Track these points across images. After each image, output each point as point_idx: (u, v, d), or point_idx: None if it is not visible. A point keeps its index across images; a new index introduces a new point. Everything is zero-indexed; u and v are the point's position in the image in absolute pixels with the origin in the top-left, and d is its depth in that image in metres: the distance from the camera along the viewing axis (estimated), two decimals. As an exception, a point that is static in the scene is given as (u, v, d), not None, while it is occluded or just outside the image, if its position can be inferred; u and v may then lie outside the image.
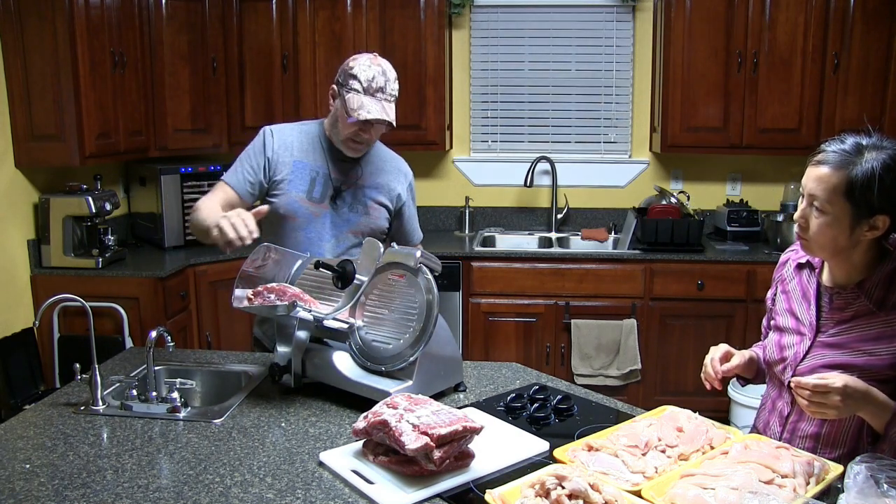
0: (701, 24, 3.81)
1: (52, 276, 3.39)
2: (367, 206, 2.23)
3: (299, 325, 1.88)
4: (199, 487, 1.42)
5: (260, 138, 2.20)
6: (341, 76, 2.10)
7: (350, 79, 2.06)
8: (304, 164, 2.18)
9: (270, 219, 2.17)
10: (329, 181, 2.18)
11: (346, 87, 2.06)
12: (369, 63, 2.07)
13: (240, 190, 2.16)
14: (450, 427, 1.41)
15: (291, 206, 2.15)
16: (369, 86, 2.05)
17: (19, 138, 3.31)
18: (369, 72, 2.06)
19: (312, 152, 2.19)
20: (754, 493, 1.26)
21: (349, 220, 2.21)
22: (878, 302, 1.53)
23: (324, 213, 2.18)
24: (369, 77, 2.05)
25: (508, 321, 3.82)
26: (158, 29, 3.74)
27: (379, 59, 2.11)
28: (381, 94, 2.07)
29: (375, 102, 2.06)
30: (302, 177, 2.17)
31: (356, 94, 2.05)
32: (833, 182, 1.48)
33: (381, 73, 2.07)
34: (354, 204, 2.21)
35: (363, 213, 2.22)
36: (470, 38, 4.30)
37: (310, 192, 2.17)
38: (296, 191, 2.16)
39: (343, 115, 2.08)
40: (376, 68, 2.07)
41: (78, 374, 1.96)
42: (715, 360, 1.69)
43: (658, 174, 4.33)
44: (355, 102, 2.04)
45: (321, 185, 2.18)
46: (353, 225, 2.21)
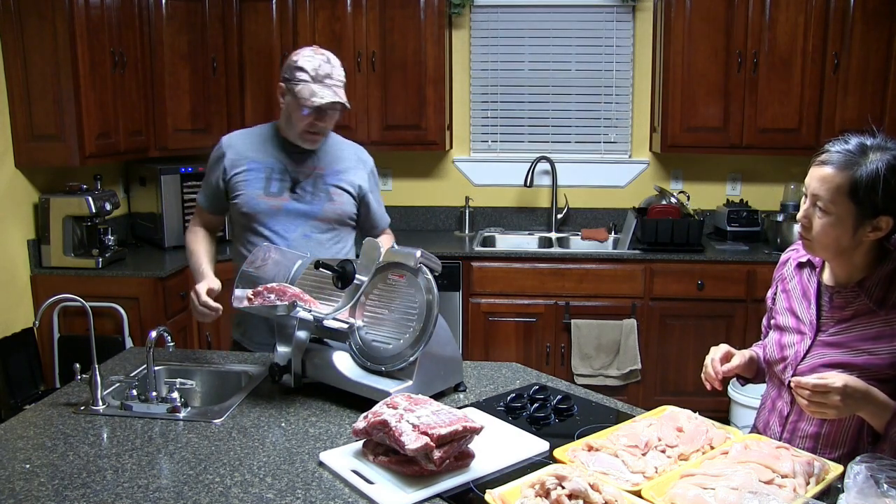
0: (701, 24, 3.81)
1: (52, 276, 3.39)
2: (329, 192, 2.28)
3: (299, 325, 1.88)
4: (199, 487, 1.42)
5: (215, 150, 2.31)
6: (287, 72, 2.17)
7: (297, 71, 2.13)
8: (258, 164, 2.25)
9: (236, 220, 2.29)
10: (286, 174, 2.25)
11: (294, 80, 2.14)
12: (312, 53, 2.15)
13: (209, 208, 2.35)
14: (450, 427, 1.41)
15: (251, 204, 2.23)
16: (317, 74, 2.12)
17: (19, 138, 3.31)
18: (314, 61, 2.13)
19: (264, 151, 2.27)
20: (754, 493, 1.26)
21: (313, 208, 2.26)
22: (878, 301, 1.53)
23: (285, 205, 2.24)
24: (315, 66, 2.13)
25: (508, 321, 3.82)
26: (158, 29, 3.74)
27: (320, 49, 2.19)
28: (329, 79, 2.14)
29: (325, 89, 2.12)
30: (257, 175, 2.24)
31: (305, 84, 2.12)
32: (837, 182, 1.48)
33: (326, 61, 2.15)
34: (316, 192, 2.26)
35: (327, 200, 2.27)
36: (470, 38, 4.30)
37: (266, 188, 2.24)
38: (252, 189, 2.23)
39: (296, 108, 2.15)
40: (320, 57, 2.15)
41: (78, 374, 1.96)
42: (715, 360, 1.69)
43: (658, 174, 4.33)
44: (306, 92, 2.11)
45: (277, 180, 2.24)
46: (319, 213, 2.27)
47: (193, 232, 2.35)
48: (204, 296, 2.04)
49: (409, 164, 4.42)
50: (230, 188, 2.25)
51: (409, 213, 4.47)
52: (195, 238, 2.33)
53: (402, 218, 4.47)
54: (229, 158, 2.25)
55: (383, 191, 4.42)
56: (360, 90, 4.00)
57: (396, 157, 4.41)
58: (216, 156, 2.29)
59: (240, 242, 2.29)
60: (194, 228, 2.37)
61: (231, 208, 2.29)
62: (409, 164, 4.42)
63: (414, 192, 4.46)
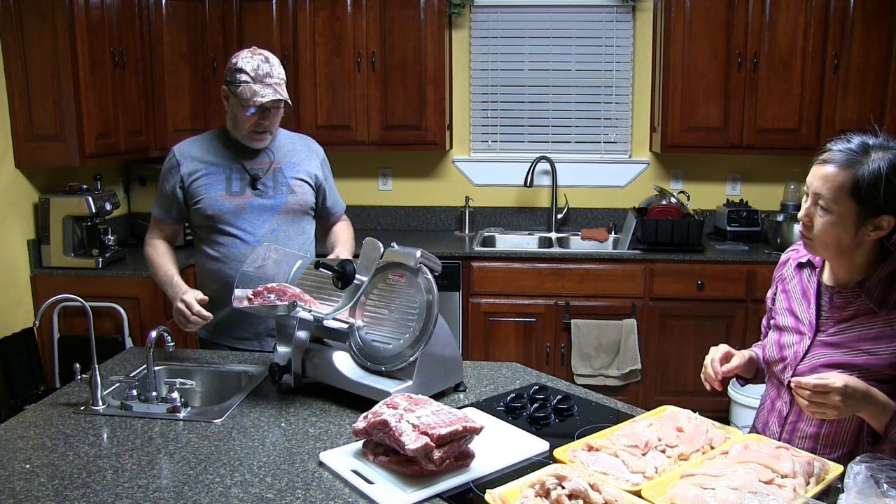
0: (701, 24, 3.81)
1: (52, 276, 3.39)
2: (289, 185, 2.32)
3: (299, 325, 1.88)
4: (199, 487, 1.42)
5: (167, 161, 2.33)
6: (228, 75, 2.20)
7: (237, 73, 2.16)
8: (215, 166, 2.27)
9: (202, 223, 2.30)
10: (244, 173, 2.28)
11: (236, 82, 2.16)
12: (250, 55, 2.18)
13: (168, 219, 2.36)
14: (450, 427, 1.41)
15: (215, 206, 2.25)
16: (256, 74, 2.15)
17: (19, 138, 3.31)
18: (252, 62, 2.16)
19: (219, 154, 2.29)
20: (754, 493, 1.26)
21: (277, 202, 2.30)
22: (878, 301, 1.53)
23: (249, 202, 2.27)
24: (254, 66, 2.15)
25: (508, 321, 3.82)
26: (158, 29, 3.74)
27: (259, 49, 2.21)
28: (269, 78, 2.16)
29: (266, 87, 2.15)
30: (216, 178, 2.26)
31: (246, 85, 2.14)
32: (839, 181, 1.48)
33: (265, 61, 2.18)
34: (277, 186, 2.30)
35: (289, 193, 2.31)
36: (470, 38, 4.30)
37: (228, 189, 2.26)
38: (214, 191, 2.25)
39: (240, 109, 2.18)
40: (258, 57, 2.18)
41: (78, 374, 1.96)
42: (715, 360, 1.69)
43: (658, 174, 4.33)
44: (248, 92, 2.14)
45: (237, 179, 2.27)
46: (283, 206, 2.30)
47: (153, 245, 2.35)
48: (197, 306, 2.05)
49: (409, 164, 4.42)
50: (189, 195, 2.27)
51: (409, 213, 4.47)
52: (156, 251, 2.33)
53: (402, 218, 4.47)
54: (185, 166, 2.27)
55: (383, 191, 4.44)
56: (360, 90, 4.00)
57: (396, 157, 4.41)
58: (169, 166, 2.30)
59: (205, 244, 2.31)
60: (153, 242, 2.36)
61: (192, 214, 2.31)
62: (409, 164, 4.42)
63: (414, 192, 4.46)
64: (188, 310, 2.05)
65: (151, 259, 2.33)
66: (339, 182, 2.60)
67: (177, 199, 2.29)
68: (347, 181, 4.32)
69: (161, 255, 2.32)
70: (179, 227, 2.44)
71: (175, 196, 2.29)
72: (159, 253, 2.33)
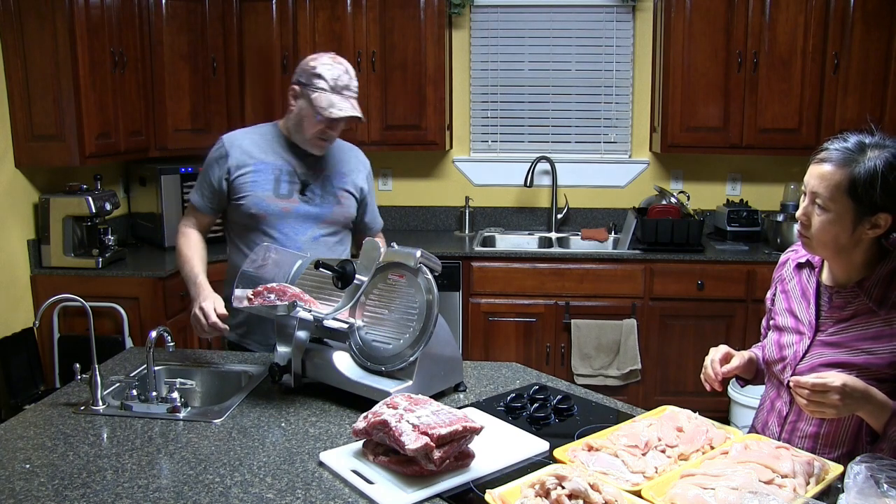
0: (701, 24, 3.81)
1: (52, 276, 3.39)
2: (337, 196, 2.27)
3: (299, 325, 1.88)
4: (199, 487, 1.42)
5: (217, 149, 2.24)
6: (303, 76, 2.13)
7: (315, 78, 2.10)
8: (266, 164, 2.21)
9: (242, 221, 2.24)
10: (294, 176, 2.22)
11: (312, 86, 2.10)
12: (332, 62, 2.12)
13: (206, 209, 2.27)
14: (450, 427, 1.41)
15: (260, 206, 2.19)
16: (335, 84, 2.10)
17: (19, 138, 3.31)
18: (334, 70, 2.11)
19: (272, 152, 2.23)
20: (754, 493, 1.26)
21: (323, 211, 2.25)
22: (877, 301, 1.53)
23: (295, 208, 2.21)
24: (335, 76, 2.10)
25: (508, 321, 3.82)
26: (158, 29, 3.75)
27: (338, 57, 2.16)
28: (347, 91, 2.13)
29: (344, 100, 2.11)
30: (265, 177, 2.20)
31: (323, 92, 2.09)
32: (836, 179, 1.49)
33: (345, 72, 2.13)
34: (325, 195, 2.25)
35: (335, 203, 2.27)
36: (470, 38, 4.30)
37: (276, 190, 2.20)
38: (261, 190, 2.19)
39: (310, 115, 2.12)
40: (339, 67, 2.12)
41: (78, 374, 1.96)
42: (715, 361, 1.69)
43: (658, 174, 4.33)
44: (324, 101, 2.09)
45: (286, 181, 2.21)
46: (328, 216, 2.26)
47: (185, 235, 2.27)
48: (214, 317, 2.00)
49: (409, 164, 4.42)
50: (234, 189, 2.20)
51: (409, 213, 4.47)
52: (188, 242, 2.25)
53: (402, 218, 4.47)
54: (234, 158, 2.20)
55: (383, 191, 4.44)
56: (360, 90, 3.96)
57: (396, 157, 4.40)
58: (218, 154, 2.22)
59: (242, 242, 2.25)
60: (186, 231, 2.29)
61: (233, 209, 2.24)
62: (409, 164, 4.42)
63: (414, 192, 4.46)
64: (205, 318, 2.01)
65: (181, 250, 2.24)
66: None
67: (220, 190, 2.21)
68: (347, 181, 4.32)
69: (191, 248, 2.23)
70: (215, 218, 2.33)
71: (220, 187, 2.21)
72: (190, 245, 2.24)
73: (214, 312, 2.01)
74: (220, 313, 2.01)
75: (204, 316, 2.01)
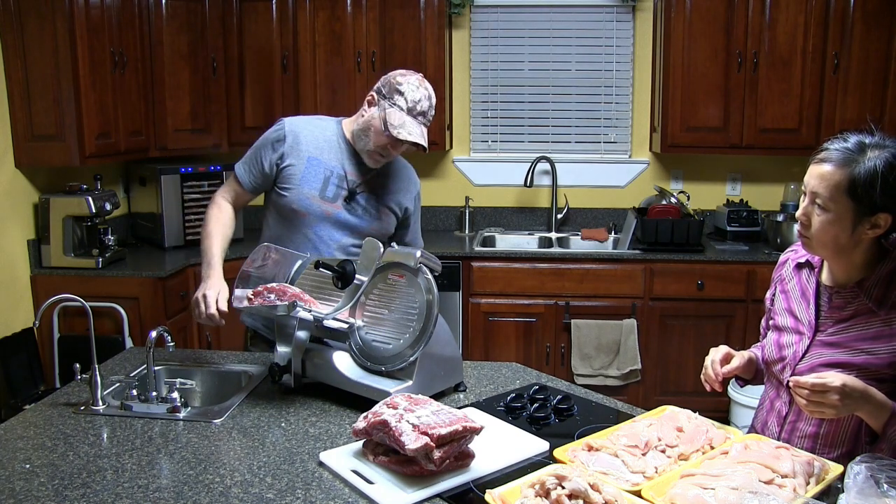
0: (701, 24, 3.81)
1: (52, 276, 3.39)
2: (379, 211, 2.23)
3: (299, 325, 1.88)
4: (199, 487, 1.42)
5: (275, 131, 2.18)
6: (386, 88, 2.09)
7: (396, 94, 2.05)
8: (319, 162, 2.16)
9: (282, 212, 2.19)
10: (344, 181, 2.18)
11: (391, 100, 2.06)
12: (418, 84, 2.07)
13: (246, 185, 2.21)
14: (450, 427, 1.41)
15: (303, 203, 2.15)
16: (414, 107, 2.05)
17: (19, 138, 3.31)
18: (417, 94, 2.06)
19: (329, 151, 2.18)
20: (754, 493, 1.26)
21: (361, 222, 2.20)
22: (877, 301, 1.53)
23: (336, 213, 2.17)
24: (416, 98, 2.05)
25: (508, 321, 3.82)
26: (158, 29, 3.74)
27: (426, 82, 2.10)
28: (422, 118, 2.07)
29: (417, 126, 2.06)
30: (315, 174, 2.15)
31: (399, 111, 2.05)
32: (836, 179, 1.49)
33: (427, 98, 2.08)
34: (368, 208, 2.21)
35: (375, 218, 2.22)
36: (470, 38, 4.30)
37: (322, 191, 2.16)
38: (308, 187, 2.15)
39: (378, 128, 2.07)
40: (423, 92, 2.07)
41: (78, 374, 1.96)
42: (715, 361, 1.69)
43: (658, 174, 4.33)
44: (397, 119, 2.04)
45: (334, 184, 2.17)
46: (366, 229, 2.20)
47: (219, 207, 2.20)
48: (213, 307, 1.97)
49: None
50: (281, 176, 2.16)
51: (409, 213, 4.47)
52: (219, 215, 2.17)
53: (402, 218, 4.47)
54: (289, 145, 2.15)
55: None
56: (359, 90, 3.99)
57: (396, 157, 4.40)
58: (275, 136, 2.16)
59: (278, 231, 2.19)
60: (221, 203, 2.21)
61: (275, 196, 2.18)
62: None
63: (414, 192, 4.46)
64: (204, 305, 1.97)
65: (208, 221, 2.17)
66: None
67: (269, 173, 2.16)
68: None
69: (218, 223, 2.16)
70: (253, 197, 2.26)
71: (269, 170, 2.16)
72: (219, 218, 2.17)
73: (215, 304, 1.98)
74: (220, 308, 1.98)
75: (205, 304, 1.98)
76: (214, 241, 2.13)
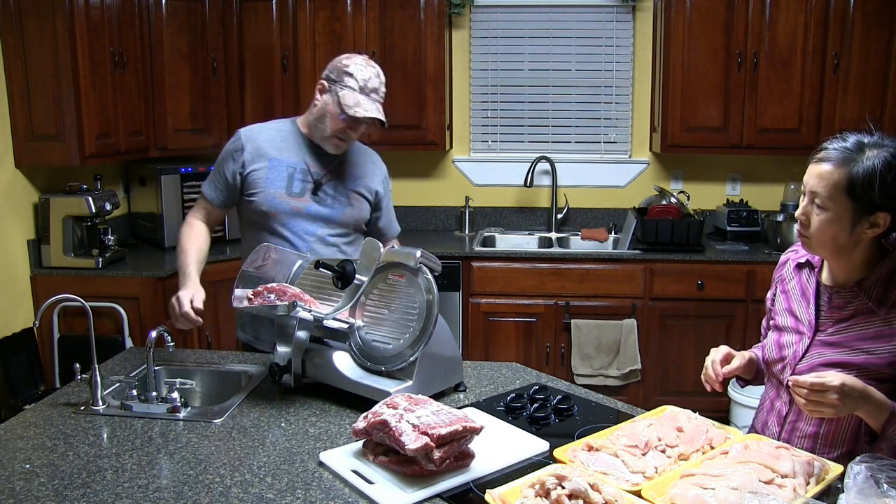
0: (701, 24, 3.81)
1: (52, 276, 3.39)
2: (349, 197, 2.26)
3: (299, 325, 1.88)
4: (199, 487, 1.42)
5: (233, 142, 2.24)
6: (334, 73, 2.13)
7: (346, 76, 2.10)
8: (280, 161, 2.20)
9: (254, 217, 2.22)
10: (308, 175, 2.21)
11: (341, 83, 2.10)
12: (365, 64, 2.13)
13: (217, 202, 2.26)
14: (450, 427, 1.41)
15: (272, 203, 2.18)
16: (365, 85, 2.10)
17: (19, 138, 3.31)
18: (365, 72, 2.11)
19: (287, 149, 2.22)
20: (754, 493, 1.26)
21: (334, 212, 2.24)
22: (877, 300, 1.53)
23: (306, 207, 2.20)
24: (366, 77, 2.10)
25: (508, 321, 3.82)
26: (158, 29, 3.74)
27: (371, 61, 2.16)
28: (375, 94, 2.12)
29: (371, 102, 2.11)
30: (279, 174, 2.19)
31: (351, 91, 2.09)
32: (834, 179, 1.49)
33: (376, 76, 2.13)
34: (337, 196, 2.24)
35: (347, 205, 2.26)
36: (470, 38, 4.30)
37: (289, 188, 2.19)
38: (273, 187, 2.18)
39: (334, 112, 2.12)
40: (371, 70, 2.13)
41: (78, 374, 1.96)
42: (716, 362, 1.69)
43: (658, 174, 4.33)
44: (351, 100, 2.08)
45: (299, 179, 2.20)
46: (339, 218, 2.25)
47: (190, 226, 2.26)
48: (187, 306, 1.99)
49: (409, 164, 4.42)
50: (247, 184, 2.19)
51: (409, 213, 4.47)
52: (191, 233, 2.23)
53: (402, 218, 4.41)
54: (249, 152, 2.19)
55: (383, 191, 4.43)
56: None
57: (396, 157, 4.38)
58: (233, 148, 2.21)
59: (254, 239, 2.22)
60: (193, 222, 2.27)
61: (245, 205, 2.23)
62: (409, 164, 4.42)
63: (414, 192, 4.46)
64: (177, 306, 2.01)
65: (181, 239, 2.22)
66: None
67: (234, 184, 2.20)
68: (347, 181, 4.32)
69: (191, 240, 2.21)
70: (224, 213, 2.33)
71: (233, 181, 2.20)
72: (192, 236, 2.22)
73: (190, 303, 2.00)
74: (195, 306, 2.01)
75: (178, 305, 2.01)
76: (189, 255, 2.18)
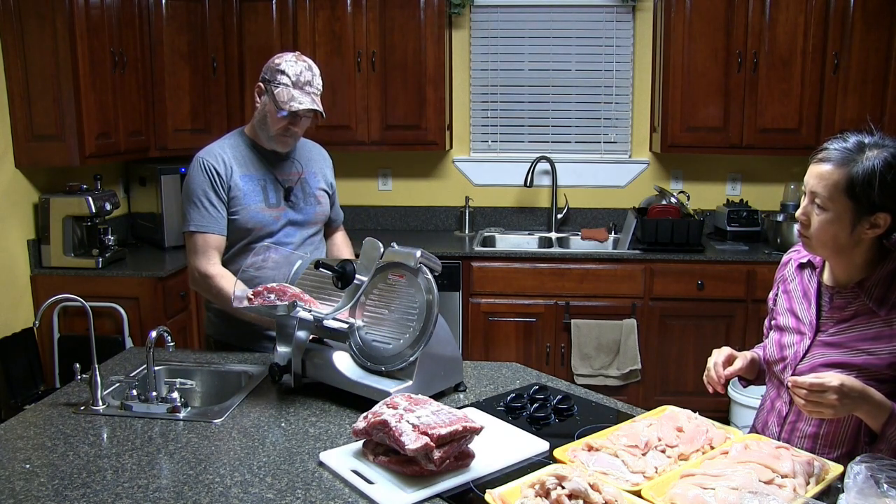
0: (701, 24, 3.81)
1: (52, 276, 3.39)
2: (316, 195, 2.33)
3: (299, 325, 1.88)
4: (199, 487, 1.42)
5: (205, 166, 2.17)
6: (268, 73, 2.18)
7: (278, 74, 2.14)
8: (251, 177, 2.24)
9: (239, 234, 2.22)
10: (278, 184, 2.26)
11: (275, 82, 2.14)
12: (295, 60, 2.17)
13: (220, 231, 2.18)
14: (450, 427, 1.41)
15: (256, 217, 2.21)
16: (297, 80, 2.14)
17: (19, 138, 3.31)
18: (296, 67, 2.15)
19: (251, 164, 2.25)
20: (754, 493, 1.26)
21: (307, 214, 2.30)
22: (877, 301, 1.53)
23: (284, 214, 2.25)
24: (297, 72, 2.14)
25: (508, 321, 3.82)
26: (158, 29, 3.75)
27: (303, 56, 2.20)
28: (308, 87, 2.16)
29: (305, 95, 2.14)
30: (254, 188, 2.22)
31: (285, 87, 2.13)
32: (835, 179, 1.49)
33: (308, 69, 2.17)
34: (306, 197, 2.31)
35: (316, 203, 2.33)
36: (470, 38, 4.30)
37: (266, 200, 2.23)
38: (254, 203, 2.21)
39: (272, 110, 2.16)
40: (302, 64, 2.16)
41: (78, 374, 1.96)
42: (718, 364, 1.69)
43: (658, 174, 4.33)
44: (286, 95, 2.12)
45: (272, 190, 2.25)
46: (312, 217, 2.31)
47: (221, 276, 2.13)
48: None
49: (409, 164, 4.42)
50: (230, 203, 2.19)
51: (409, 213, 4.47)
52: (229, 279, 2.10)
53: (402, 218, 4.48)
54: (224, 172, 2.18)
55: (383, 191, 4.45)
56: (360, 90, 4.00)
57: (396, 157, 4.40)
58: (211, 168, 2.16)
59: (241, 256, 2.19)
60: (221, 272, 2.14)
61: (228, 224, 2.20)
62: (409, 164, 4.42)
63: (414, 192, 4.46)
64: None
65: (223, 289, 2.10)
66: (340, 182, 2.60)
67: (225, 204, 2.17)
68: (347, 181, 4.32)
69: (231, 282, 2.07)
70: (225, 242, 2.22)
71: (224, 200, 2.17)
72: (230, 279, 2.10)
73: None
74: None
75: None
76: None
